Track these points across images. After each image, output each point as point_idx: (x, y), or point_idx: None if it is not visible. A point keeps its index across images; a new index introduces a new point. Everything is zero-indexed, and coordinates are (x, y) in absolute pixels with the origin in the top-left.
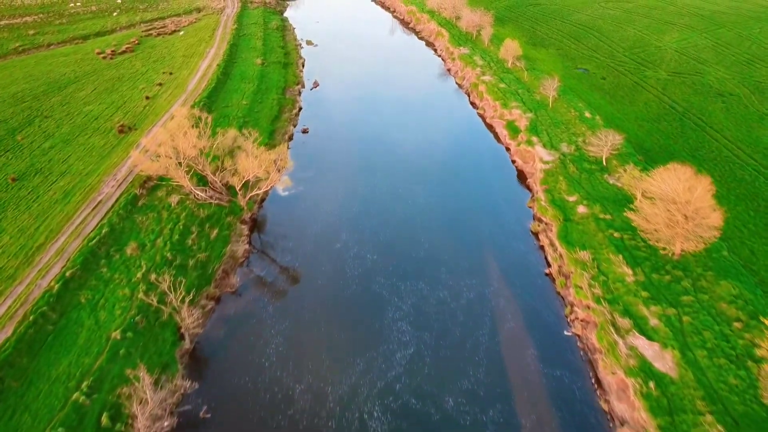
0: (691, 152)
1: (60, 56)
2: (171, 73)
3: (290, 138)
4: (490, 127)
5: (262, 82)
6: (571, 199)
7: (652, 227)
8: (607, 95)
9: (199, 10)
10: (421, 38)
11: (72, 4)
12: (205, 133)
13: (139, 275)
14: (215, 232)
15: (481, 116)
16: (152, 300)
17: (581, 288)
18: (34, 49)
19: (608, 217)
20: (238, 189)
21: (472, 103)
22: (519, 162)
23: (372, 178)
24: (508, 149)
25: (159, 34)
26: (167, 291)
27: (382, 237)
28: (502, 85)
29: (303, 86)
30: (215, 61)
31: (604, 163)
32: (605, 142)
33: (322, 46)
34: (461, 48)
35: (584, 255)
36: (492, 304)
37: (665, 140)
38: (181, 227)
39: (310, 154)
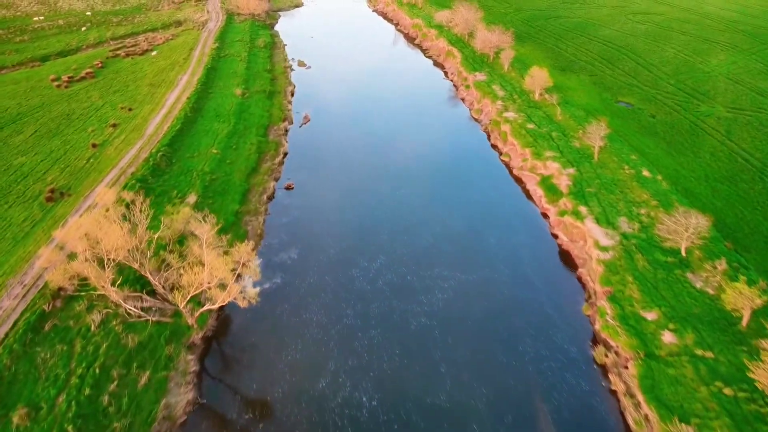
0: None
1: (9, 84)
2: (131, 109)
3: (270, 198)
4: (518, 180)
5: (240, 121)
6: (650, 316)
7: None
8: (663, 141)
9: (179, 23)
10: (428, 56)
11: (36, 18)
12: (143, 220)
13: None
14: (146, 376)
15: (506, 165)
16: None
17: None
18: None
19: (709, 354)
20: (182, 307)
21: (494, 146)
22: (563, 238)
23: (373, 260)
24: (545, 215)
25: (128, 55)
26: None
27: (386, 365)
28: (530, 126)
29: (291, 122)
30: (186, 92)
31: (683, 252)
32: (684, 227)
33: (315, 68)
34: (477, 74)
35: (687, 430)
36: None
37: (751, 213)
38: (97, 369)
39: (292, 224)
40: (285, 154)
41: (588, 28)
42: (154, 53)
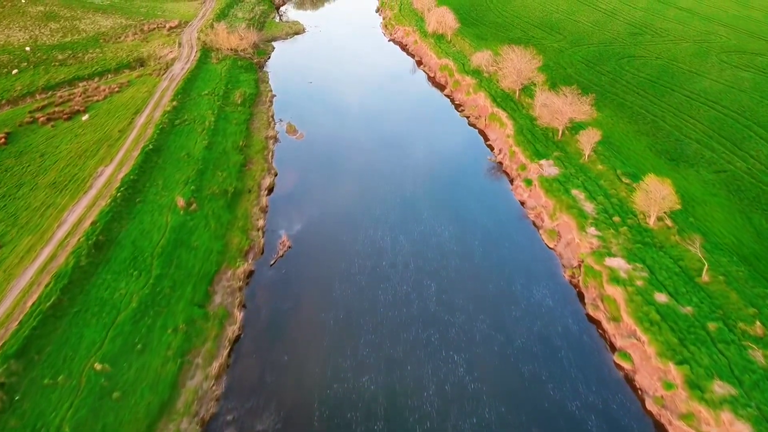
0: None
1: None
2: (0, 246)
3: None
4: (657, 423)
5: (168, 268)
6: None
7: None
8: None
9: (141, 62)
10: (463, 115)
11: None
12: None
13: None
14: None
15: (627, 376)
16: None
17: None
18: None
19: None
20: None
21: (590, 317)
22: None
23: None
24: None
25: (50, 119)
26: None
27: None
28: (660, 297)
29: (259, 254)
30: (99, 203)
31: None
32: None
33: (310, 135)
34: (542, 162)
35: None
36: None
37: None
38: None
39: None
40: (236, 340)
41: (678, 76)
42: (85, 117)
